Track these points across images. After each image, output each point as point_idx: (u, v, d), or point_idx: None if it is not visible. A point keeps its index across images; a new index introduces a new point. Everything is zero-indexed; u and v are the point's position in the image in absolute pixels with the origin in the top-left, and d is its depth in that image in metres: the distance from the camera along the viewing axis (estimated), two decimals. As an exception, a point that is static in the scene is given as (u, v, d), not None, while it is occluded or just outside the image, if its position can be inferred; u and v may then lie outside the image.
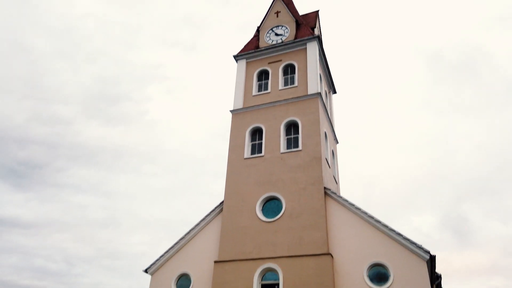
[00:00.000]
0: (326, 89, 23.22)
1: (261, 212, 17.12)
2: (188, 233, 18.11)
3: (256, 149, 19.27)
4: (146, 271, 17.93)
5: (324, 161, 17.76)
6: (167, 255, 17.93)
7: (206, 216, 18.30)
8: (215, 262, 16.42)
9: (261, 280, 15.58)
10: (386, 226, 15.01)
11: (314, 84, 19.59)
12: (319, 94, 19.26)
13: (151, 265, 17.91)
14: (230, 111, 20.74)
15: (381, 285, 14.13)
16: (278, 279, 15.18)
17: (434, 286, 16.04)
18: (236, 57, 22.55)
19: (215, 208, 18.37)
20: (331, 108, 23.54)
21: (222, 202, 18.13)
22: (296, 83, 20.20)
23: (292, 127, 19.21)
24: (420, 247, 14.10)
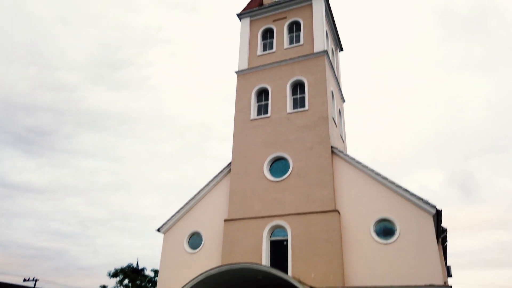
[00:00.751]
0: (333, 46, 22.70)
1: (268, 172, 17.35)
2: (198, 193, 18.52)
3: (262, 110, 19.21)
4: (158, 230, 18.55)
5: (331, 120, 17.71)
6: (178, 215, 18.46)
7: (215, 177, 18.61)
8: (225, 220, 16.89)
9: (270, 236, 16.08)
10: (392, 183, 15.17)
11: (320, 41, 19.13)
12: (326, 52, 18.86)
13: (163, 224, 18.50)
14: (235, 72, 20.50)
15: (387, 239, 14.52)
16: (287, 236, 15.65)
17: (440, 240, 16.43)
18: (240, 16, 21.96)
19: (223, 169, 18.63)
20: (337, 66, 23.12)
21: (230, 163, 18.35)
22: (301, 41, 19.74)
23: (298, 87, 19.00)
24: (427, 202, 14.31)
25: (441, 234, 16.31)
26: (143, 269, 39.16)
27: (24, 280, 34.48)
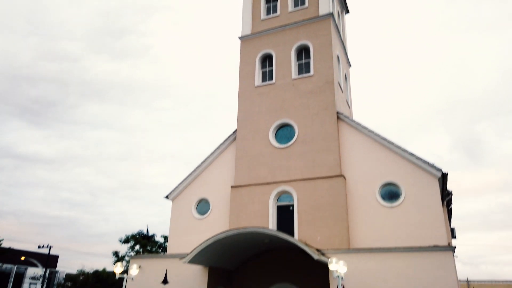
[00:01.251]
0: (339, 8, 22.02)
1: (274, 138, 17.37)
2: (204, 161, 18.69)
3: (267, 76, 18.98)
4: (167, 197, 18.89)
5: (336, 86, 17.48)
6: (185, 182, 18.73)
7: (221, 144, 18.70)
8: (232, 187, 17.12)
9: (277, 202, 16.34)
10: (398, 147, 15.16)
11: (326, 4, 18.54)
12: (331, 14, 18.32)
13: (172, 191, 18.81)
14: (238, 38, 20.09)
15: (392, 202, 14.69)
16: (293, 201, 15.89)
17: (444, 203, 16.59)
18: (242, -22, 21.21)
19: (229, 136, 18.68)
20: (343, 29, 22.53)
21: (236, 130, 18.37)
22: (306, 4, 19.15)
23: (303, 52, 18.65)
24: (432, 166, 14.35)
25: (446, 197, 16.46)
26: (153, 235, 40.27)
27: (39, 247, 35.72)
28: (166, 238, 37.00)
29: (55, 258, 58.89)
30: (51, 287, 55.59)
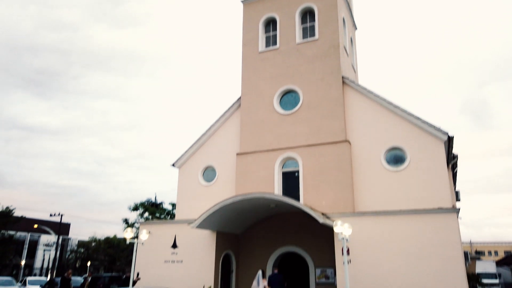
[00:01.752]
0: (344, -32, 21.17)
1: (279, 105, 17.26)
2: (209, 128, 18.71)
3: (270, 41, 18.59)
4: (173, 165, 19.08)
5: (342, 49, 17.12)
6: (191, 150, 18.84)
7: (225, 112, 18.64)
8: (237, 154, 17.23)
9: (282, 168, 16.47)
10: (404, 111, 15.03)
11: (331, -37, 17.82)
12: (337, -26, 17.66)
13: (178, 159, 18.97)
14: (241, 1, 19.54)
15: (398, 166, 14.74)
16: (298, 167, 16.00)
17: (450, 166, 16.63)
18: None
19: (233, 103, 18.58)
20: (349, -9, 21.78)
21: (240, 98, 18.24)
22: (311, -36, 18.42)
23: (308, 15, 18.15)
24: (438, 129, 14.26)
25: (451, 161, 16.48)
26: (161, 203, 41.12)
27: (50, 215, 36.75)
28: (174, 205, 37.80)
29: (67, 226, 60.64)
30: (65, 253, 57.53)
